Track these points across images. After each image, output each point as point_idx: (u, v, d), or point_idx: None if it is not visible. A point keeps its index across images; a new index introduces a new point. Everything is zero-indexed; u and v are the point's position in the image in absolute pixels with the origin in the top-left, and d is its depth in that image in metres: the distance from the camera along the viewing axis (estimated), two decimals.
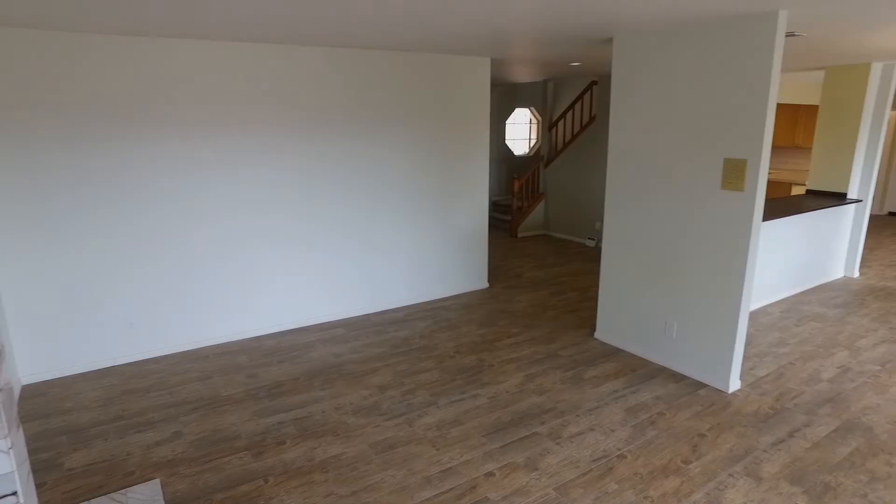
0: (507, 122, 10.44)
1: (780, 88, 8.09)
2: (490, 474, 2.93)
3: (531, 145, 10.85)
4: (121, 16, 3.13)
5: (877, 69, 5.92)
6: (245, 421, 3.46)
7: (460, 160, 5.59)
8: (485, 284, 6.13)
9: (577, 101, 8.35)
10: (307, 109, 4.61)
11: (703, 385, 3.90)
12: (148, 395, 3.78)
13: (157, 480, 2.88)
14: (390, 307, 5.47)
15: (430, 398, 3.74)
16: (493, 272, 6.75)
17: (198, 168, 4.24)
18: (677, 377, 4.02)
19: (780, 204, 5.85)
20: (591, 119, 8.01)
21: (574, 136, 8.29)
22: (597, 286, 6.20)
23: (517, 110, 10.49)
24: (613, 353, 4.44)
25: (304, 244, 4.84)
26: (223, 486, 2.84)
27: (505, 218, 9.33)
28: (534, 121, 10.76)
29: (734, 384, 3.82)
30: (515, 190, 8.52)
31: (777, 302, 5.67)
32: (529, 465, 3.01)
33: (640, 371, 4.12)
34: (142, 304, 4.23)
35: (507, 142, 10.57)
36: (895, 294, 5.92)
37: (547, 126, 9.05)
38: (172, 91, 4.02)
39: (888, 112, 6.11)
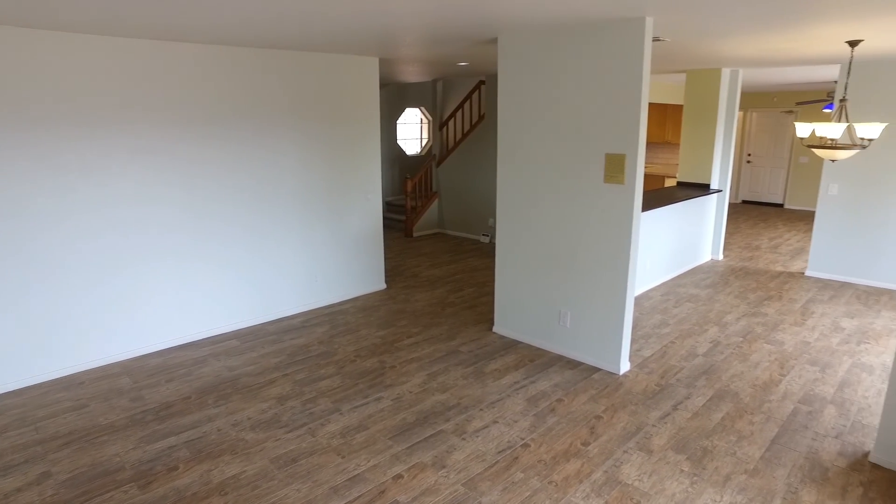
0: (397, 121, 10.43)
1: (650, 89, 8.77)
2: (398, 477, 2.90)
3: (423, 145, 10.93)
4: None
5: (726, 74, 6.60)
6: (129, 450, 3.16)
7: (351, 161, 5.50)
8: (382, 286, 6.08)
9: (465, 101, 8.51)
10: (187, 111, 4.30)
11: (597, 369, 4.13)
12: (5, 434, 3.33)
13: None
14: (286, 314, 5.26)
15: (332, 405, 3.64)
16: (391, 273, 6.71)
17: (61, 174, 3.81)
18: (573, 364, 4.22)
19: (656, 195, 6.33)
20: (481, 118, 8.21)
21: (464, 135, 8.45)
22: (493, 281, 6.36)
23: (407, 110, 10.51)
24: (512, 345, 4.58)
25: (188, 253, 4.52)
26: None
27: (399, 218, 9.31)
28: (424, 120, 10.84)
29: (624, 366, 4.08)
30: (409, 189, 8.53)
31: (657, 286, 6.13)
32: (437, 464, 3.01)
33: (538, 361, 4.28)
34: None
35: (398, 142, 10.56)
36: (751, 273, 6.64)
37: (437, 125, 9.15)
38: (24, 87, 3.58)
39: (737, 112, 6.83)
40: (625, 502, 2.71)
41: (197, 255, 4.57)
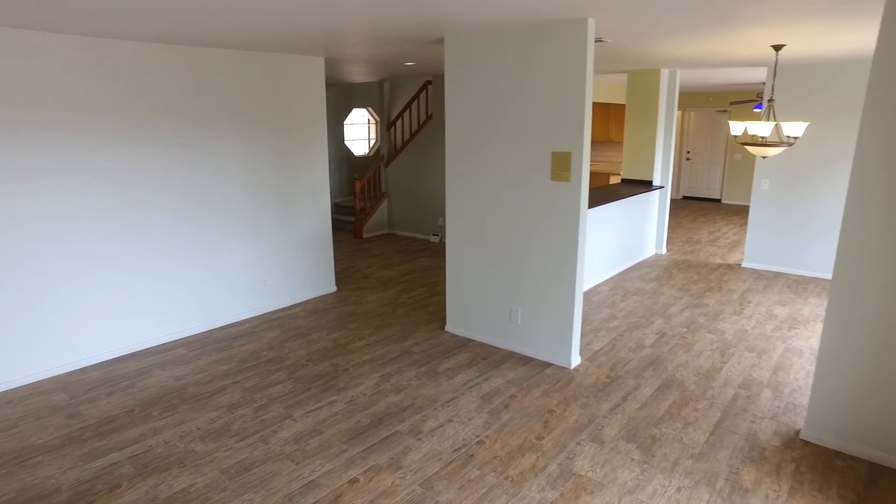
0: (345, 122, 10.31)
1: (594, 88, 9.00)
2: (354, 480, 2.87)
3: (371, 145, 10.84)
4: None
5: (665, 74, 6.84)
6: (66, 470, 3.00)
7: (298, 163, 5.40)
8: (333, 288, 6.00)
9: (413, 101, 8.50)
10: (121, 112, 4.12)
11: (549, 364, 4.20)
12: None
13: None
14: (234, 320, 5.11)
15: (284, 411, 3.56)
16: (341, 275, 6.63)
17: None
18: (525, 360, 4.28)
19: (601, 192, 6.50)
20: (428, 118, 8.21)
21: (412, 135, 8.43)
22: (444, 281, 6.38)
23: (355, 110, 10.41)
24: (464, 344, 4.60)
25: (128, 260, 4.32)
26: None
27: (349, 219, 9.21)
28: (372, 121, 10.76)
29: (575, 360, 4.17)
30: (357, 190, 8.45)
31: (605, 281, 6.30)
32: (393, 465, 3.00)
33: (491, 358, 4.32)
34: None
35: (346, 142, 10.44)
36: (693, 266, 6.91)
37: (385, 126, 9.10)
38: None
39: (676, 111, 7.10)
40: (579, 493, 2.77)
41: (137, 262, 4.38)
